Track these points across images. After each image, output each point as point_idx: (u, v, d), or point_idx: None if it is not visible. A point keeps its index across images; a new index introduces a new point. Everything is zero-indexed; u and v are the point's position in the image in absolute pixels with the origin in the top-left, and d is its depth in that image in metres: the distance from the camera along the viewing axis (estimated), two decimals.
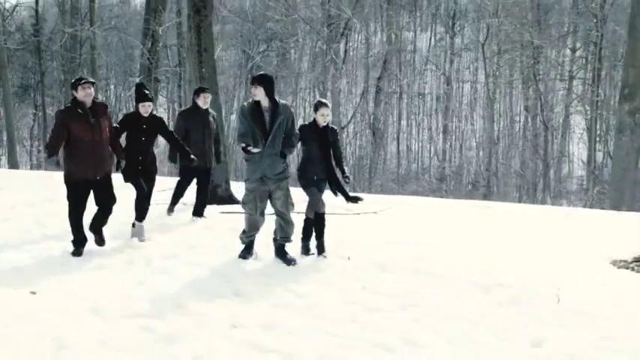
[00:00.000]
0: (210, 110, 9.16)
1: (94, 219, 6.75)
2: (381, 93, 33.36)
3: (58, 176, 7.02)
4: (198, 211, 8.99)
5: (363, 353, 4.23)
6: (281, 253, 6.57)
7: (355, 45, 39.23)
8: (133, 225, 7.49)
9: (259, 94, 6.28)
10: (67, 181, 6.54)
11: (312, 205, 6.81)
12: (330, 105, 6.96)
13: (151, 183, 7.68)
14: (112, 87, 43.38)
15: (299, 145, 6.85)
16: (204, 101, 8.96)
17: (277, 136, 6.31)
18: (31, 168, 32.25)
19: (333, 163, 6.90)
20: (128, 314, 4.71)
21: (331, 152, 6.89)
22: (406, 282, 5.92)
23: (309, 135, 6.76)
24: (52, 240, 7.15)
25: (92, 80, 6.64)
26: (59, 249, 6.72)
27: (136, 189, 7.51)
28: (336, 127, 7.07)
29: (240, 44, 35.23)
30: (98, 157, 6.53)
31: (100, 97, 43.08)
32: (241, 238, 6.67)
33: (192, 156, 7.82)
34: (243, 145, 6.19)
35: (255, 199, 6.42)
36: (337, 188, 6.91)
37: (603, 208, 16.85)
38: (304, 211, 6.89)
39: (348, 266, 6.41)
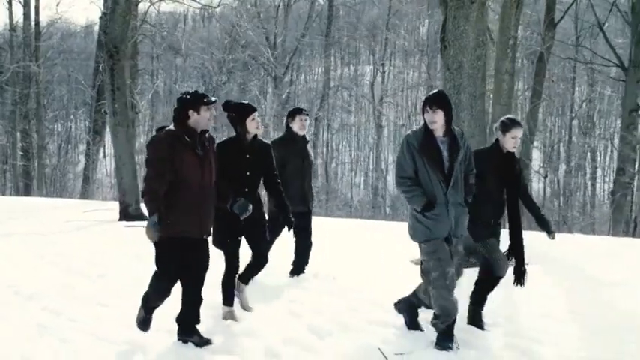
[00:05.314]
0: (307, 137, 7.41)
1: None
2: (319, 125, 35.57)
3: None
4: (298, 269, 7.44)
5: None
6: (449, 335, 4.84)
7: (299, 78, 41.50)
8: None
9: (439, 120, 4.70)
10: (161, 235, 4.54)
11: (496, 265, 5.22)
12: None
13: (261, 238, 5.59)
14: (72, 117, 44.99)
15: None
16: (300, 125, 7.09)
17: (460, 179, 4.80)
18: None
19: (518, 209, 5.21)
20: None
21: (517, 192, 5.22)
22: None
23: (486, 165, 5.04)
24: None
25: (215, 99, 4.82)
26: None
27: (228, 260, 5.48)
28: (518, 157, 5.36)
29: (202, 76, 37.15)
30: (207, 208, 4.74)
31: (59, 128, 44.92)
32: (435, 325, 4.86)
33: (290, 216, 5.65)
34: (423, 202, 4.68)
35: (442, 264, 4.73)
36: (516, 249, 5.22)
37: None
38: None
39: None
